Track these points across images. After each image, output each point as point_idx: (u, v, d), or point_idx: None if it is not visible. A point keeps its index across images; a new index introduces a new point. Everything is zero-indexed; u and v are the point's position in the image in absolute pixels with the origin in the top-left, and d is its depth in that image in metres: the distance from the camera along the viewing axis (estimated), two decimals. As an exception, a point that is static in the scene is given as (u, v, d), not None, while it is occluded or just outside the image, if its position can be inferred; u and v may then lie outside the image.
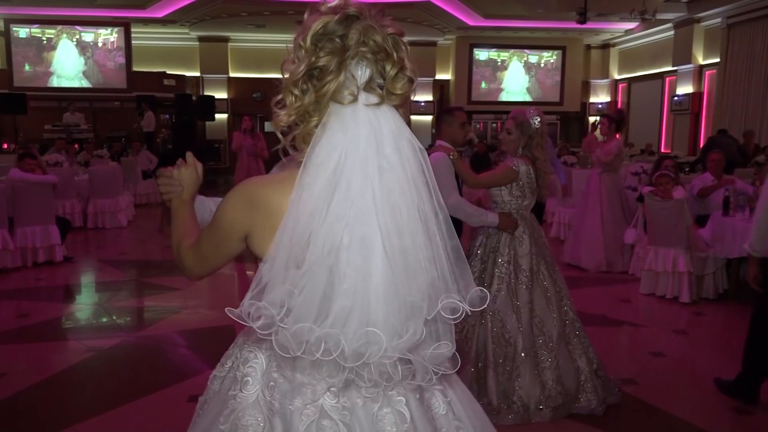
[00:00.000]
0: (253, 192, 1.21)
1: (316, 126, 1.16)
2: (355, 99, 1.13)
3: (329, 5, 1.16)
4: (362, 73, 1.13)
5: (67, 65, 16.02)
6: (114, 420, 3.15)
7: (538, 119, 3.26)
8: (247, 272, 6.16)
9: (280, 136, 1.22)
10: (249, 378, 1.22)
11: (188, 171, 1.45)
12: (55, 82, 15.93)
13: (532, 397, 3.11)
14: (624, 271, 6.29)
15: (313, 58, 1.14)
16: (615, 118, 6.66)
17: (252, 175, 8.10)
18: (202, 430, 1.27)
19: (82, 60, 16.08)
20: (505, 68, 18.69)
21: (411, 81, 1.18)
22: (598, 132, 7.87)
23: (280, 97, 1.19)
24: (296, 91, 1.16)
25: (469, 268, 1.17)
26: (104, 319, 4.92)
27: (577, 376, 3.23)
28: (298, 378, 1.18)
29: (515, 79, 18.75)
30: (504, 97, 18.58)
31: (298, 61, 1.16)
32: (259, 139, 8.11)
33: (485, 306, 1.10)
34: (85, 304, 5.45)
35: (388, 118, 1.14)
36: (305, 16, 1.17)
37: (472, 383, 3.12)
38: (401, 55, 1.16)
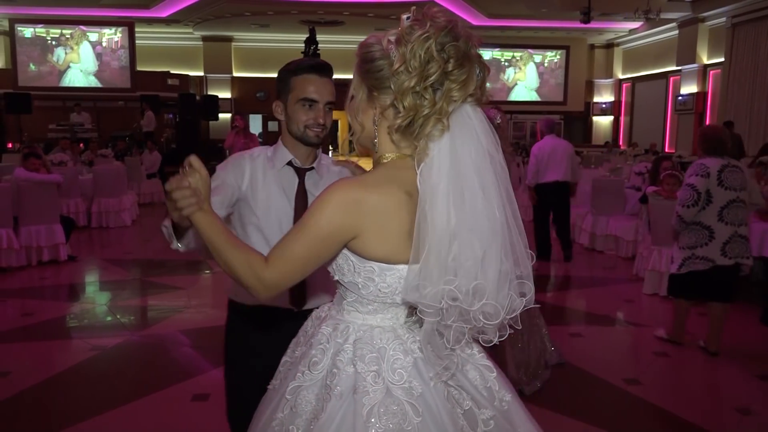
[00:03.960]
0: (359, 196, 1.21)
1: (434, 129, 1.21)
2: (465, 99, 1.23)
3: (432, 25, 1.22)
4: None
5: (90, 64, 16.28)
6: (118, 418, 3.17)
7: (499, 116, 3.65)
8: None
9: (383, 139, 1.28)
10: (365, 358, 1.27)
11: (202, 177, 1.23)
12: (69, 79, 16.10)
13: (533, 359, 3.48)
14: None
15: (444, 64, 1.21)
16: (490, 115, 6.54)
17: None
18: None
19: (95, 59, 16.28)
20: (512, 67, 18.75)
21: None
22: None
23: (390, 100, 1.24)
24: (426, 95, 1.21)
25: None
26: (108, 318, 4.93)
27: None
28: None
29: (531, 80, 18.94)
30: (518, 96, 18.62)
31: (433, 62, 1.20)
32: (252, 139, 8.08)
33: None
34: (89, 303, 5.47)
35: (478, 111, 1.25)
36: (403, 35, 1.22)
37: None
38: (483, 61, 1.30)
